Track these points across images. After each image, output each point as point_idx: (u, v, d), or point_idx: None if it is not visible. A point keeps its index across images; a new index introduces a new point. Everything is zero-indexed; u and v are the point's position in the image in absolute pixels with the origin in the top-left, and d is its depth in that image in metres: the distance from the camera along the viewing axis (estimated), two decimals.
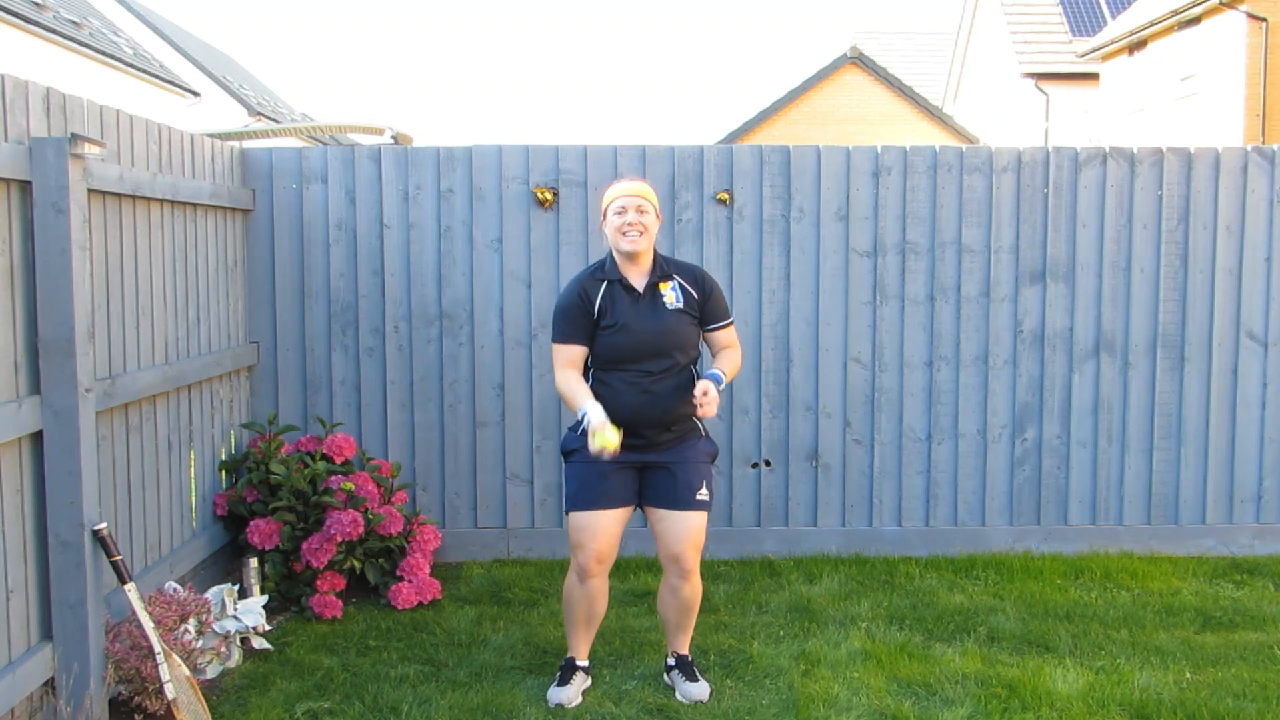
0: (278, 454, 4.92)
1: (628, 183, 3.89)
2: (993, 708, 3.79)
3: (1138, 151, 5.57)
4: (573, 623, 3.98)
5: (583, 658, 4.02)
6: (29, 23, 17.58)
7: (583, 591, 3.90)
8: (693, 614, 4.01)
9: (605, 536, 3.85)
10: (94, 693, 3.51)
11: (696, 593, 3.97)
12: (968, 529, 5.64)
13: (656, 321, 3.81)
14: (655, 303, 3.84)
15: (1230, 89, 19.27)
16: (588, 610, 3.94)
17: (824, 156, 5.50)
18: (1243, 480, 5.66)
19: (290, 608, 4.81)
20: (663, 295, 3.85)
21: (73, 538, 3.45)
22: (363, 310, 5.47)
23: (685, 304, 3.88)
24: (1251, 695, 3.91)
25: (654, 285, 3.86)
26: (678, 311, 3.86)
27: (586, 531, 3.84)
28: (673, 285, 3.88)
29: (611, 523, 3.86)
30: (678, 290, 3.88)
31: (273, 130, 6.39)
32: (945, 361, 5.57)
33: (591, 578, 3.88)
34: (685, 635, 4.05)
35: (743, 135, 23.22)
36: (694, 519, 3.86)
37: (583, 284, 3.89)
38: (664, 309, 3.84)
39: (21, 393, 3.36)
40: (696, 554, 3.90)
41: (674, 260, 4.02)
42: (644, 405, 3.79)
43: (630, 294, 3.84)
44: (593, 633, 4.03)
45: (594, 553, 3.84)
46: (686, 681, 3.96)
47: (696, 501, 3.86)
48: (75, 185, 3.42)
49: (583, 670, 4.01)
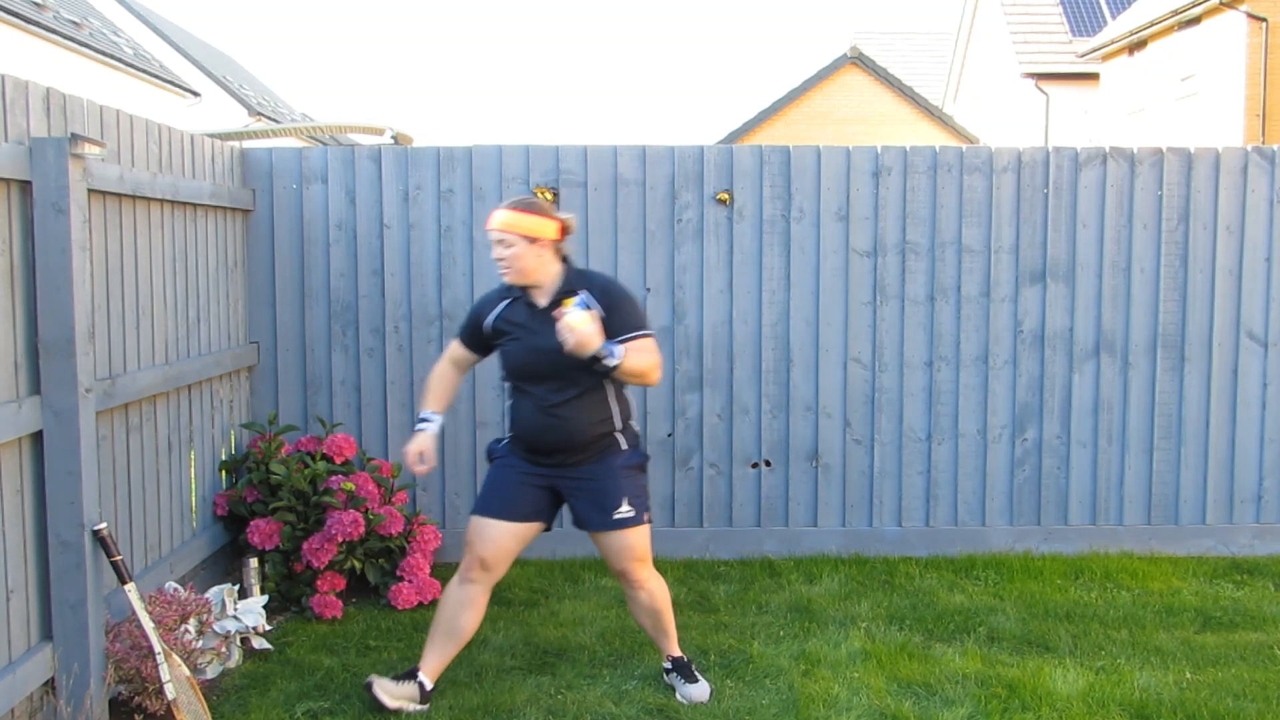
0: (278, 454, 4.92)
1: (496, 213, 3.72)
2: (993, 708, 3.79)
3: (1138, 151, 5.57)
4: (433, 628, 3.84)
5: (426, 674, 3.82)
6: (29, 23, 17.58)
7: (456, 595, 3.79)
8: (663, 615, 3.95)
9: (494, 546, 3.76)
10: (94, 693, 3.51)
11: (655, 595, 3.91)
12: (968, 529, 5.64)
13: (553, 340, 3.58)
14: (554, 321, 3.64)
15: (1230, 89, 19.27)
16: (452, 619, 3.79)
17: (824, 156, 5.51)
18: (1243, 480, 5.66)
19: (290, 608, 4.81)
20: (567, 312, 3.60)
21: (73, 538, 3.45)
22: (363, 310, 5.47)
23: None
24: (1251, 695, 3.91)
25: (556, 303, 3.65)
26: None
27: (478, 535, 3.78)
28: (577, 302, 3.64)
29: (506, 534, 3.77)
30: (581, 307, 3.65)
31: (273, 130, 6.39)
32: (945, 361, 5.57)
33: (471, 583, 3.78)
34: (668, 637, 4.00)
35: (743, 135, 23.23)
36: (620, 538, 3.77)
37: (485, 300, 3.91)
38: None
39: (21, 393, 3.36)
40: (639, 564, 3.82)
41: (588, 274, 3.82)
42: (549, 428, 3.71)
43: (530, 310, 3.74)
44: (448, 653, 3.84)
45: (479, 558, 3.76)
46: (686, 683, 3.93)
47: (614, 521, 3.74)
48: (75, 185, 3.42)
49: (420, 686, 3.79)
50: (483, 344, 3.91)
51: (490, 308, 3.85)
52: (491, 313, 3.83)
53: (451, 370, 4.00)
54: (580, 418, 3.71)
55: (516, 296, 3.79)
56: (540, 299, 3.74)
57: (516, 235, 3.68)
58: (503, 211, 3.71)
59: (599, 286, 3.76)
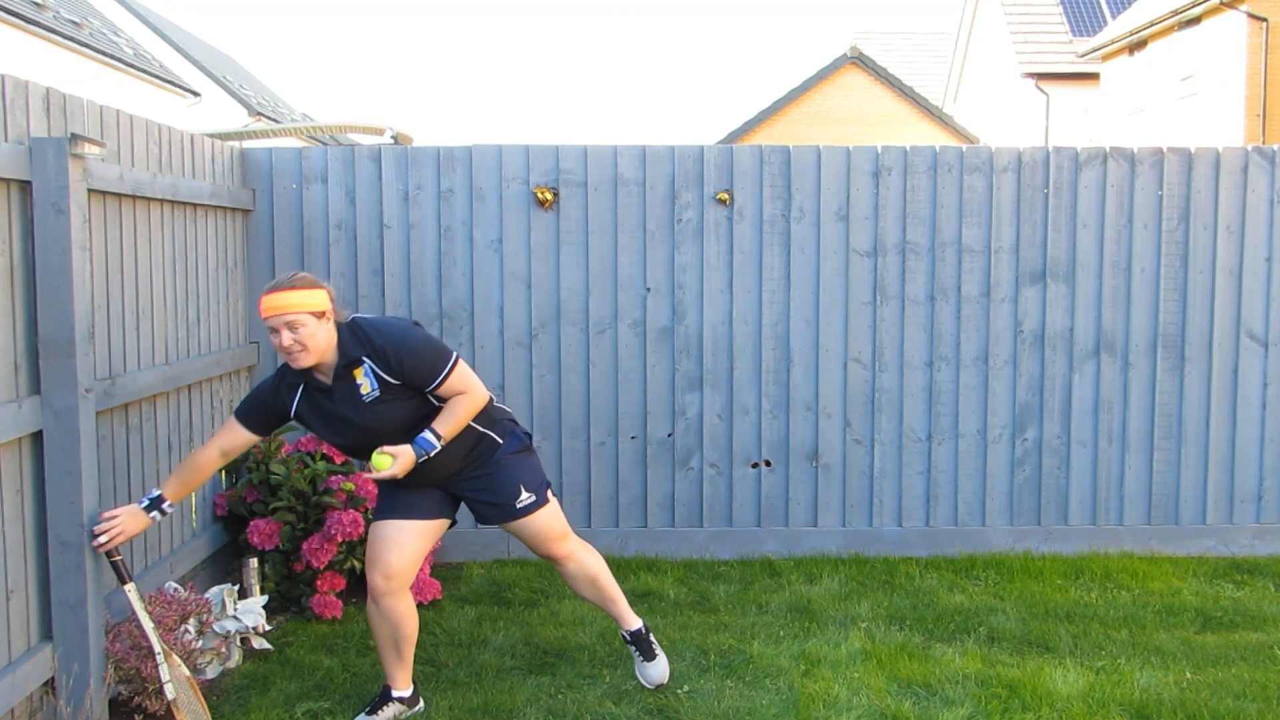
0: (278, 454, 4.91)
1: (273, 295, 3.37)
2: (993, 708, 3.79)
3: (1138, 151, 5.57)
4: (382, 649, 3.70)
5: (400, 687, 3.73)
6: (29, 23, 17.57)
7: (378, 613, 3.62)
8: (601, 580, 3.87)
9: (395, 548, 3.59)
10: (94, 693, 3.51)
11: (585, 566, 3.85)
12: (968, 529, 5.64)
13: (359, 416, 3.46)
14: (352, 394, 3.47)
15: (1230, 89, 19.26)
16: (391, 633, 3.64)
17: (824, 156, 5.50)
18: (1243, 480, 5.66)
19: (290, 608, 4.80)
20: (358, 384, 3.45)
21: (73, 538, 3.45)
22: (363, 310, 5.46)
23: (383, 389, 3.47)
24: (1252, 695, 3.90)
25: (346, 374, 3.46)
26: (376, 401, 3.47)
27: (375, 544, 3.61)
28: (365, 370, 3.44)
29: (405, 533, 3.60)
30: (370, 377, 3.45)
31: (273, 130, 6.39)
32: (945, 362, 5.57)
33: (383, 596, 3.58)
34: (617, 606, 3.92)
35: (743, 135, 23.23)
36: (530, 524, 3.74)
37: (277, 379, 3.58)
38: (361, 402, 3.46)
39: (21, 393, 3.35)
40: (559, 542, 3.80)
41: (369, 329, 3.49)
42: (421, 476, 3.58)
43: (324, 393, 3.50)
44: (406, 656, 3.71)
45: (381, 569, 3.57)
46: (643, 661, 3.91)
47: (519, 510, 3.71)
48: (75, 185, 3.42)
49: (400, 701, 3.73)
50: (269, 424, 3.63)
51: (289, 394, 3.56)
52: (294, 399, 3.56)
53: (218, 458, 3.62)
54: (444, 453, 3.57)
55: (300, 382, 3.54)
56: (324, 377, 3.49)
57: (308, 314, 3.38)
58: (278, 294, 3.37)
59: (379, 350, 3.45)
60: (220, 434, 3.64)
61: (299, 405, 3.57)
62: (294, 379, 3.56)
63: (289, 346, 3.37)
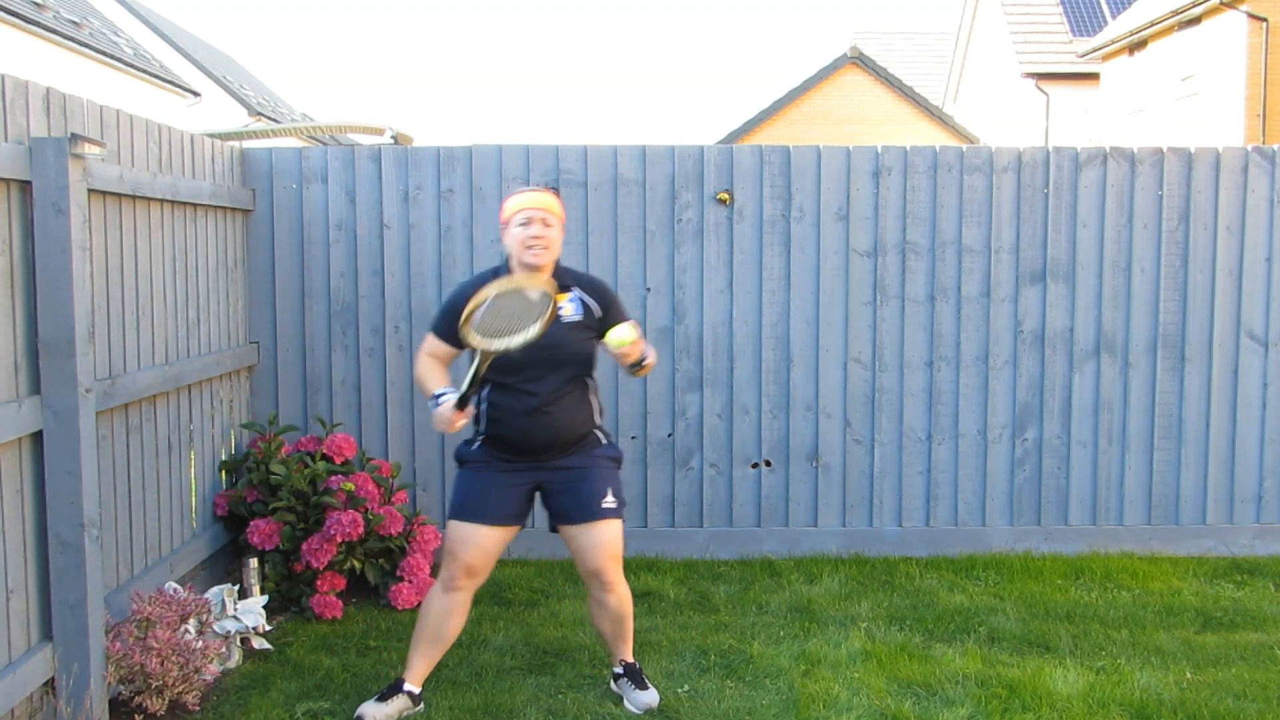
0: (278, 454, 4.91)
1: (531, 194, 3.68)
2: (993, 708, 3.79)
3: (1138, 151, 5.57)
4: (418, 637, 3.76)
5: (414, 682, 3.77)
6: (29, 23, 17.57)
7: (441, 603, 3.71)
8: (626, 622, 3.87)
9: (479, 552, 3.68)
10: (94, 693, 3.51)
11: (624, 601, 3.82)
12: (968, 529, 5.64)
13: (552, 335, 3.52)
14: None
15: (1230, 89, 19.26)
16: (437, 626, 3.73)
17: (824, 156, 5.50)
18: (1243, 480, 5.66)
19: (290, 608, 4.80)
20: (560, 307, 3.61)
21: (73, 538, 3.45)
22: (363, 310, 5.46)
23: (584, 317, 3.71)
24: (1252, 695, 3.90)
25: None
26: (574, 325, 3.68)
27: (462, 543, 3.68)
28: (571, 297, 3.69)
29: (489, 539, 3.69)
30: (576, 303, 3.71)
31: (273, 130, 6.39)
32: (945, 362, 5.57)
33: (457, 590, 3.71)
34: (625, 642, 3.92)
35: (743, 135, 23.22)
36: (605, 529, 3.71)
37: (473, 288, 3.61)
38: (559, 321, 3.61)
39: (21, 393, 3.35)
40: (616, 565, 3.75)
41: (573, 271, 3.84)
42: (540, 426, 3.65)
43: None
44: (434, 657, 3.79)
45: (465, 565, 3.68)
46: (635, 690, 3.85)
47: (603, 510, 3.70)
48: (75, 185, 3.42)
49: (409, 695, 3.75)
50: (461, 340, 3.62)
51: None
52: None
53: (436, 364, 3.80)
54: (567, 415, 3.69)
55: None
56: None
57: (557, 218, 3.70)
58: (540, 193, 3.70)
59: (588, 284, 3.80)
60: (423, 347, 3.82)
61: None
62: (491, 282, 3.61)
63: (538, 236, 3.61)
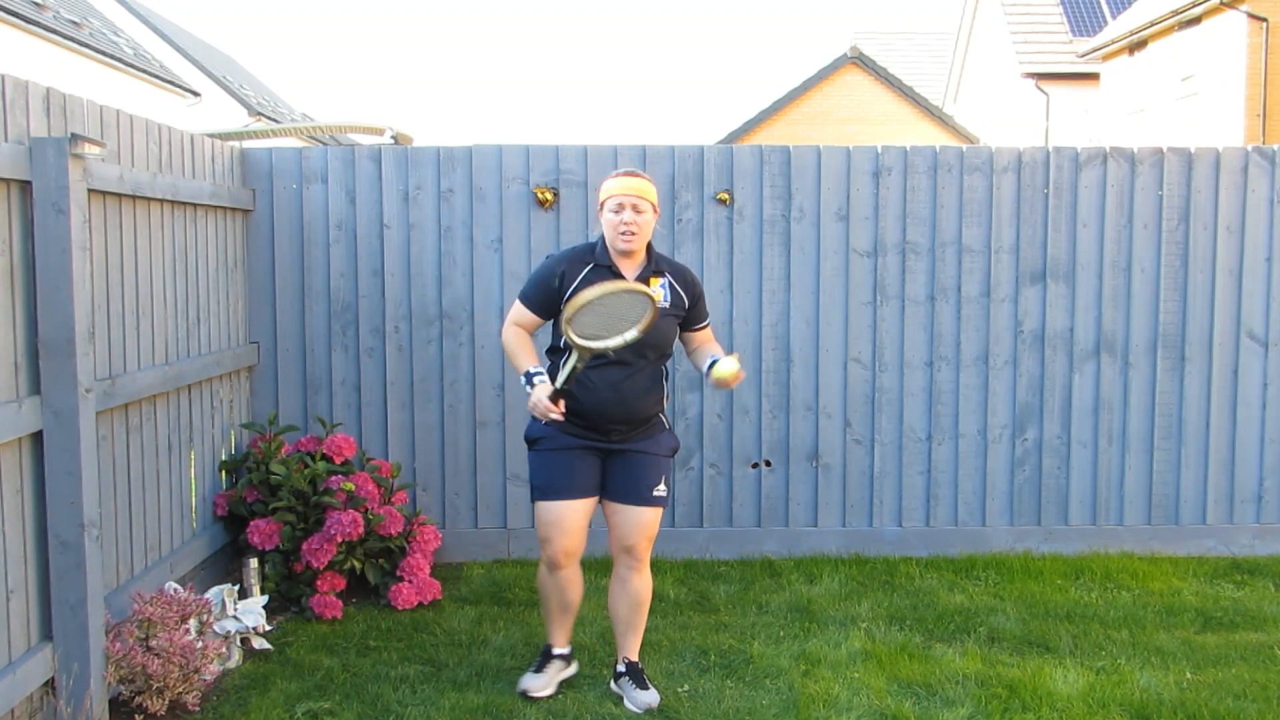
0: (278, 454, 4.91)
1: (627, 178, 3.75)
2: (993, 708, 3.79)
3: (1138, 151, 5.57)
4: (547, 611, 4.00)
5: (561, 645, 4.03)
6: (29, 23, 17.57)
7: (554, 582, 3.90)
8: (643, 610, 3.94)
9: (573, 529, 3.82)
10: (94, 693, 3.51)
11: (647, 586, 3.92)
12: (968, 529, 5.64)
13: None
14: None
15: (1230, 89, 19.26)
16: (560, 599, 3.94)
17: (824, 156, 5.50)
18: (1243, 480, 5.66)
19: (290, 608, 4.80)
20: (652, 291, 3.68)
21: (73, 538, 3.45)
22: (363, 310, 5.46)
23: (673, 304, 3.83)
24: (1252, 695, 3.91)
25: (644, 279, 3.78)
26: (663, 311, 3.76)
27: (554, 525, 3.81)
28: (663, 283, 3.81)
29: (578, 514, 3.83)
30: (667, 289, 3.82)
31: (273, 130, 6.39)
32: (945, 362, 5.57)
33: (560, 569, 3.87)
34: (636, 637, 3.97)
35: (743, 135, 23.22)
36: (648, 514, 3.84)
37: (566, 262, 3.80)
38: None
39: (21, 393, 3.35)
40: (648, 546, 3.89)
41: (665, 258, 3.93)
42: (613, 403, 3.73)
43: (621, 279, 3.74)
44: (569, 620, 4.01)
45: (562, 548, 3.82)
46: (636, 689, 3.88)
47: (653, 498, 3.84)
48: (75, 185, 3.42)
49: (560, 658, 4.02)
50: (554, 309, 3.80)
51: (574, 271, 3.77)
52: (576, 278, 3.75)
53: (525, 334, 3.88)
54: (644, 393, 3.80)
55: (600, 263, 3.77)
56: (628, 271, 3.78)
57: (650, 203, 3.76)
58: (636, 178, 3.75)
59: (679, 273, 3.89)
60: (511, 317, 3.88)
61: (579, 285, 3.71)
62: (583, 260, 3.79)
63: (629, 224, 3.70)
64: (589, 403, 3.73)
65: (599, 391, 3.72)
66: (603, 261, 3.77)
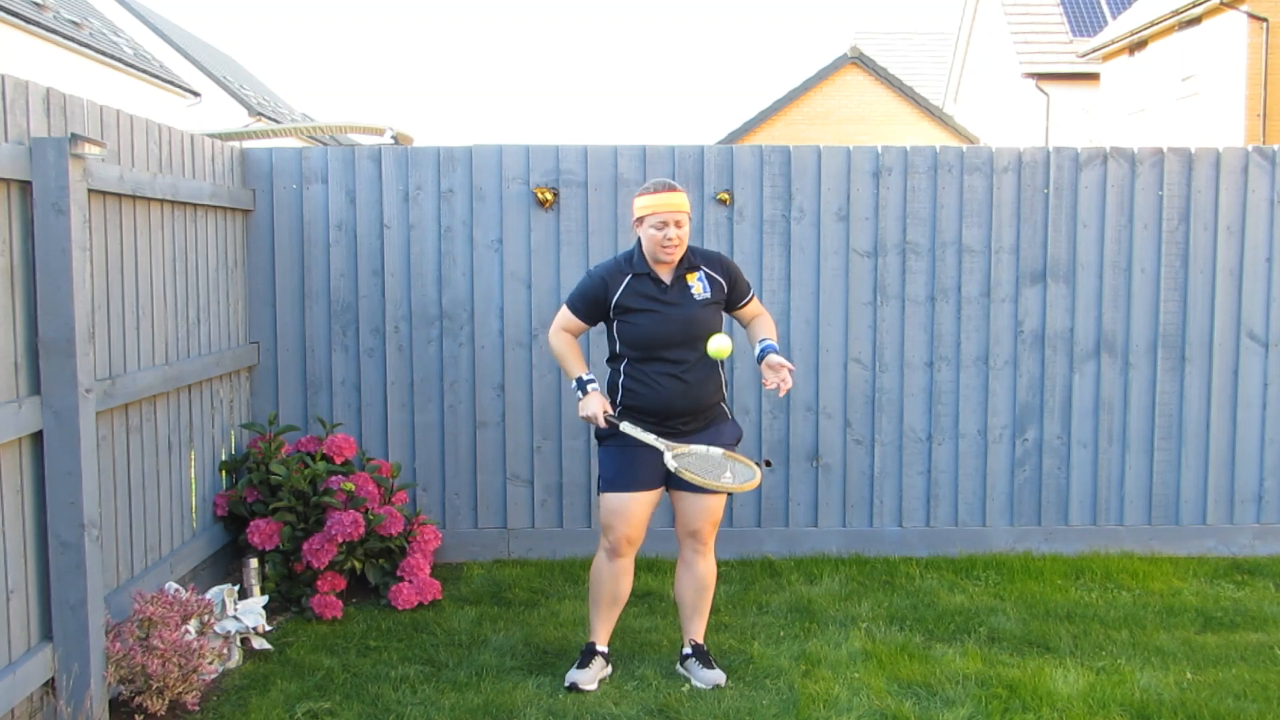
0: (278, 454, 4.91)
1: (666, 195, 3.90)
2: (993, 708, 3.79)
3: (1138, 152, 5.57)
4: (596, 603, 4.09)
5: (603, 643, 4.11)
6: (29, 23, 17.58)
7: (610, 569, 4.03)
8: (709, 594, 4.14)
9: (636, 520, 3.99)
10: (94, 693, 3.51)
11: (711, 570, 4.11)
12: (968, 529, 5.64)
13: (685, 311, 3.94)
14: (684, 293, 3.97)
15: (1231, 89, 19.26)
16: (613, 589, 4.05)
17: (824, 156, 5.50)
18: (1243, 480, 5.66)
19: (290, 608, 4.80)
20: (690, 286, 3.97)
21: (73, 538, 3.45)
22: (363, 310, 5.46)
23: (713, 293, 4.01)
24: (1252, 696, 3.90)
25: (681, 277, 3.98)
26: (705, 302, 3.98)
27: (619, 515, 3.98)
28: (699, 276, 4.00)
29: (642, 506, 4.00)
30: (704, 281, 4.00)
31: (273, 130, 6.39)
32: (946, 362, 5.57)
33: (621, 557, 4.02)
34: (702, 620, 4.17)
35: (743, 135, 23.23)
36: (714, 499, 4.02)
37: (607, 275, 4.01)
38: (692, 300, 3.97)
39: (21, 393, 3.35)
40: (713, 531, 4.07)
41: (699, 250, 4.09)
42: (679, 395, 3.94)
43: (658, 285, 3.96)
44: (615, 615, 4.13)
45: (624, 535, 3.98)
46: (704, 669, 4.07)
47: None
48: (75, 185, 3.42)
49: (602, 656, 4.10)
50: (600, 317, 4.05)
51: (615, 283, 3.98)
52: (619, 288, 3.97)
53: (572, 338, 4.12)
54: (705, 383, 4.00)
55: (638, 271, 3.97)
56: (665, 274, 3.97)
57: (686, 216, 3.94)
58: (674, 193, 3.90)
59: (714, 261, 4.07)
60: (558, 322, 4.11)
61: (622, 294, 3.96)
62: (622, 271, 3.99)
63: (674, 239, 3.89)
64: (654, 399, 3.94)
65: (662, 386, 3.94)
66: (640, 270, 3.97)
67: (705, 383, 3.99)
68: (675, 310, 3.94)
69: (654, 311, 3.94)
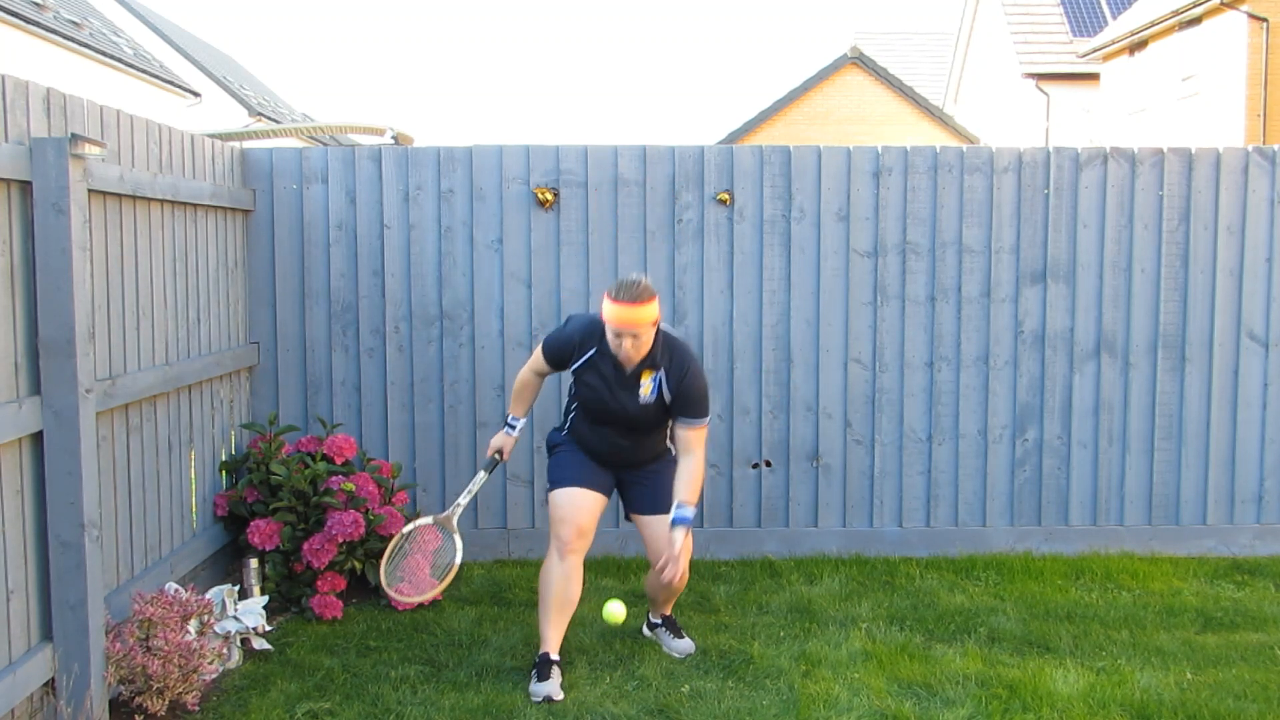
0: (278, 454, 4.91)
1: (626, 307, 3.80)
2: (993, 708, 3.79)
3: (1138, 152, 5.57)
4: (546, 607, 4.03)
5: (555, 651, 4.04)
6: (29, 23, 17.58)
7: (561, 570, 4.00)
8: (677, 593, 4.33)
9: (585, 512, 4.04)
10: (94, 693, 3.51)
11: (683, 580, 4.16)
12: (968, 530, 5.64)
13: (627, 404, 3.99)
14: (632, 388, 3.98)
15: (1231, 89, 19.27)
16: (563, 592, 4.01)
17: (825, 157, 5.50)
18: (1244, 481, 5.66)
19: (290, 608, 4.80)
20: (640, 385, 3.97)
21: (73, 538, 3.45)
22: (363, 311, 5.46)
23: (656, 401, 4.00)
24: (1252, 696, 3.90)
25: (637, 373, 3.97)
26: (649, 404, 4.00)
27: (568, 506, 4.03)
28: (654, 378, 3.97)
29: (592, 501, 4.07)
30: (656, 384, 3.98)
31: (273, 130, 6.38)
32: (946, 362, 5.57)
33: (571, 553, 4.01)
34: (668, 605, 4.39)
35: (743, 135, 23.23)
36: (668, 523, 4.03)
37: (580, 339, 4.03)
38: (635, 397, 3.99)
39: (22, 393, 3.35)
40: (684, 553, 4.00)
41: (674, 347, 4.00)
42: (616, 450, 4.12)
43: (617, 371, 3.98)
44: (565, 622, 4.07)
45: (575, 526, 4.00)
46: (674, 637, 4.31)
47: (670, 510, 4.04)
48: (75, 185, 3.42)
49: (556, 664, 4.02)
50: (563, 367, 4.13)
51: (584, 349, 4.02)
52: (583, 357, 4.03)
53: (535, 380, 4.25)
54: (642, 448, 4.15)
55: (604, 350, 3.99)
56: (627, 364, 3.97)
57: (649, 326, 3.88)
58: (632, 307, 3.79)
59: (676, 370, 3.96)
60: (530, 362, 4.22)
61: (582, 365, 4.04)
62: (591, 344, 4.01)
63: (628, 351, 3.87)
64: (595, 445, 4.12)
65: (602, 439, 4.11)
66: (606, 349, 3.98)
67: (641, 447, 4.13)
68: (623, 397, 3.98)
69: (605, 391, 4.00)
